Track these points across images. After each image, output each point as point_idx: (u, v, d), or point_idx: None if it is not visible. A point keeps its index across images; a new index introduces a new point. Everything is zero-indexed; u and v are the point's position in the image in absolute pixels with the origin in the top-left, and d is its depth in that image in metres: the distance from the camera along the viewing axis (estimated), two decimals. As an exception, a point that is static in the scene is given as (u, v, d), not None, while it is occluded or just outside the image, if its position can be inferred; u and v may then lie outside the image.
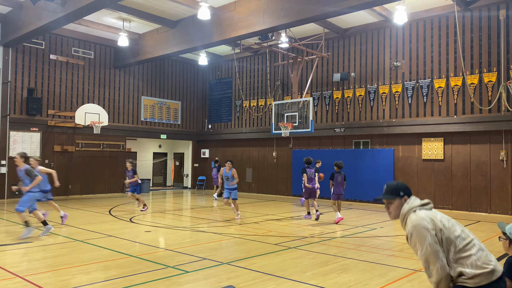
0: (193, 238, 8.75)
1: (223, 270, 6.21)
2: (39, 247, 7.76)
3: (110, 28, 16.98)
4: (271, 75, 19.67)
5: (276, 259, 6.92)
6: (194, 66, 22.52)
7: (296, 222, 11.23)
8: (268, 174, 19.67)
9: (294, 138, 18.33)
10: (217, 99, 22.49)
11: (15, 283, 5.40)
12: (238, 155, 21.11)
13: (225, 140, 21.68)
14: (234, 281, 5.60)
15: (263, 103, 20.15)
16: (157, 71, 21.32)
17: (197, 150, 23.03)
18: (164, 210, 13.97)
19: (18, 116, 16.40)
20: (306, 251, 7.56)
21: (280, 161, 19.21)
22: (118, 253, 7.19)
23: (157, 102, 21.30)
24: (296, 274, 6.03)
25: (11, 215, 12.06)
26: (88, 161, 18.16)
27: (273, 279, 5.74)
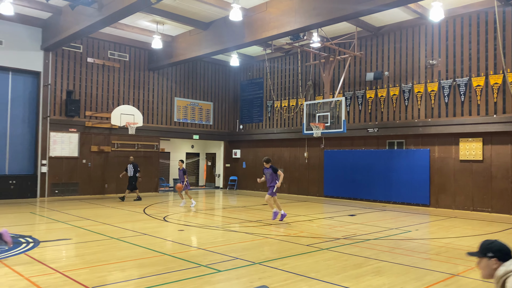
0: (225, 237, 8.81)
1: (255, 270, 6.22)
2: (77, 244, 8.04)
3: (144, 31, 17.39)
4: (302, 75, 19.57)
5: (308, 260, 6.87)
6: (225, 67, 22.70)
7: (328, 223, 11.11)
8: (299, 174, 19.57)
9: (326, 138, 18.16)
10: (248, 99, 22.59)
11: (55, 278, 5.61)
12: (269, 155, 21.10)
13: (256, 140, 21.74)
14: (266, 281, 5.60)
15: (294, 103, 20.07)
16: (190, 72, 21.63)
17: (229, 151, 23.20)
18: (197, 210, 14.14)
19: (57, 117, 17.05)
20: (339, 252, 7.47)
21: (312, 162, 19.06)
22: (152, 251, 7.34)
23: (190, 103, 21.62)
24: (329, 275, 5.97)
25: (52, 212, 12.54)
26: (123, 161, 18.63)
27: (305, 280, 5.70)
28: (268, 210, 13.73)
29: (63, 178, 17.10)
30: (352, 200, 17.06)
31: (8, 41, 15.93)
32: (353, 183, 17.22)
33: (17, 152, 16.60)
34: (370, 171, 16.61)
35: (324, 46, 16.25)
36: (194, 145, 24.93)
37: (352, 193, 17.24)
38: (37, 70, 16.69)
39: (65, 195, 17.06)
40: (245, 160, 22.42)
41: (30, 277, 5.63)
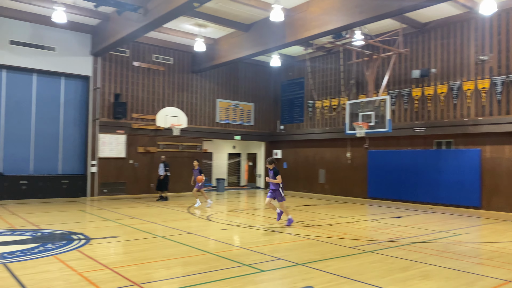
0: (267, 237, 8.83)
1: (298, 271, 6.19)
2: (125, 242, 8.33)
3: (187, 34, 17.76)
4: (345, 74, 19.26)
5: (353, 263, 6.75)
6: (266, 68, 22.76)
7: (372, 225, 10.86)
8: (342, 175, 19.27)
9: (369, 138, 17.76)
10: (289, 100, 22.53)
11: (105, 274, 5.84)
12: (311, 155, 20.95)
13: (297, 141, 21.64)
14: (309, 282, 5.56)
15: (336, 103, 19.79)
16: (231, 74, 21.87)
17: (270, 151, 23.23)
18: (239, 209, 14.28)
19: (106, 119, 17.77)
20: (384, 255, 7.28)
21: (355, 162, 18.71)
22: (196, 249, 7.48)
23: (231, 104, 21.85)
24: (374, 278, 5.83)
25: (101, 211, 13.07)
26: (167, 161, 19.10)
27: (349, 283, 5.60)
28: (310, 211, 13.63)
29: (111, 178, 17.79)
30: (398, 202, 16.59)
31: (61, 47, 16.78)
32: (399, 184, 16.74)
33: (68, 153, 17.45)
34: (416, 172, 16.08)
35: (367, 44, 15.92)
36: (235, 146, 25.17)
37: (397, 194, 16.77)
38: (87, 75, 17.48)
39: (113, 194, 17.73)
40: (286, 161, 22.36)
41: (83, 272, 5.90)
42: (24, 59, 15.98)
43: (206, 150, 22.35)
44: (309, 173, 20.91)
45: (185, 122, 18.48)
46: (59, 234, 8.87)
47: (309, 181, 20.89)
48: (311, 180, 20.78)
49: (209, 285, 5.37)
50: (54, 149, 17.12)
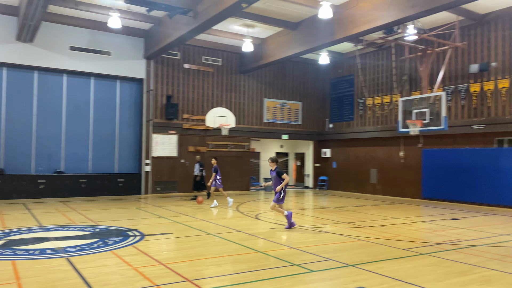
0: (317, 238, 8.73)
1: (349, 272, 6.06)
2: (177, 238, 8.57)
3: (235, 35, 17.96)
4: (397, 70, 18.64)
5: (406, 265, 6.51)
6: (314, 65, 22.52)
7: (427, 227, 10.43)
8: (395, 175, 18.66)
9: (424, 136, 17.06)
10: (338, 97, 22.15)
11: (159, 269, 6.03)
12: (362, 155, 20.48)
13: (347, 139, 21.23)
14: (361, 284, 5.42)
15: (388, 100, 19.21)
16: (279, 73, 21.85)
17: (318, 150, 22.97)
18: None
19: (159, 120, 18.38)
20: (440, 258, 6.96)
21: (408, 161, 18.06)
22: (245, 247, 7.54)
23: (279, 103, 21.84)
24: (429, 282, 5.59)
25: (154, 208, 13.53)
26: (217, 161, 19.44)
27: (403, 286, 5.41)
28: (361, 211, 13.32)
29: (164, 176, 18.37)
30: (455, 203, 15.82)
31: (116, 52, 17.56)
32: (456, 185, 15.95)
33: (124, 153, 18.24)
34: (475, 172, 15.24)
35: (420, 39, 15.32)
36: (283, 145, 25.13)
37: (454, 195, 15.99)
38: (140, 77, 18.17)
39: (166, 192, 18.30)
40: (335, 160, 22.01)
41: (138, 267, 6.13)
42: (82, 64, 16.89)
43: (254, 150, 22.48)
44: (359, 173, 20.45)
45: (233, 122, 18.70)
46: (115, 230, 9.28)
47: (359, 181, 20.44)
48: (362, 180, 20.32)
49: (258, 284, 5.39)
50: (110, 149, 17.95)
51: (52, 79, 16.83)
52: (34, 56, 15.97)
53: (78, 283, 5.29)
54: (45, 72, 16.64)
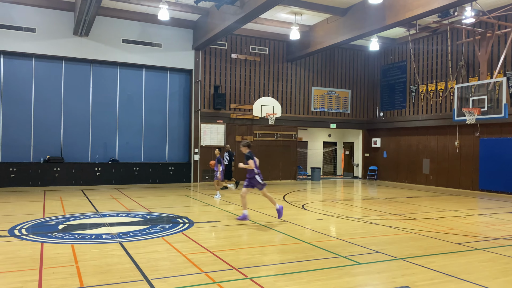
0: (365, 229, 8.56)
1: (398, 265, 5.90)
2: (225, 226, 8.72)
3: (282, 23, 17.80)
4: (452, 55, 17.70)
5: (459, 260, 6.23)
6: (364, 52, 21.89)
7: (484, 221, 9.91)
8: (449, 165, 17.86)
9: (481, 125, 16.16)
10: (389, 85, 21.42)
11: (207, 257, 6.18)
12: (414, 144, 19.75)
13: (398, 128, 20.54)
14: (410, 278, 5.26)
15: (443, 87, 18.31)
16: (327, 60, 21.45)
17: (368, 139, 22.42)
18: (335, 199, 14.06)
19: (207, 110, 18.70)
20: (498, 254, 6.60)
21: (464, 151, 17.20)
22: (292, 238, 7.54)
23: (327, 91, 21.48)
24: (484, 279, 5.32)
25: (203, 196, 13.85)
26: (264, 150, 19.55)
27: (455, 282, 5.19)
28: (412, 203, 12.89)
29: (212, 165, 18.71)
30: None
31: (166, 43, 17.99)
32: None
33: (174, 142, 18.77)
34: (538, 163, 14.24)
35: (479, 21, 14.41)
36: (331, 134, 24.76)
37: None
38: (189, 68, 18.53)
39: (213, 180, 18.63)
40: (386, 150, 21.40)
41: (186, 254, 6.31)
42: (134, 56, 17.47)
43: (301, 139, 22.34)
44: (411, 163, 19.77)
45: (280, 111, 18.65)
46: (166, 217, 9.61)
47: (411, 171, 19.76)
48: (413, 170, 19.64)
49: (304, 274, 5.38)
50: (161, 138, 18.54)
51: (106, 71, 17.57)
52: (89, 49, 16.73)
53: (131, 268, 5.55)
54: (99, 65, 17.39)
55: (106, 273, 5.32)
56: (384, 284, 5.14)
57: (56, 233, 7.68)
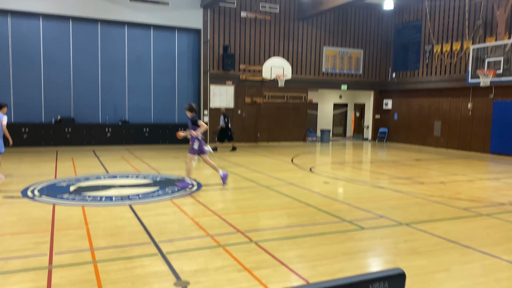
0: (371, 194, 8.62)
1: (401, 231, 5.97)
2: (232, 190, 8.85)
3: (293, -20, 17.19)
4: (470, 13, 17.01)
5: (464, 226, 6.28)
6: (378, 11, 21.17)
7: (492, 185, 9.89)
8: (461, 128, 17.64)
9: (496, 87, 15.77)
10: (403, 45, 20.83)
11: (213, 220, 6.32)
12: (425, 106, 19.45)
13: (410, 90, 20.18)
14: (412, 244, 5.34)
15: (458, 48, 17.76)
16: (339, 19, 20.83)
17: (379, 101, 22.12)
18: (343, 162, 14.09)
19: (216, 71, 18.50)
20: (503, 220, 6.63)
21: (477, 114, 16.92)
22: (298, 201, 7.64)
23: (339, 52, 21.01)
24: (487, 245, 5.37)
25: (213, 159, 13.96)
26: (274, 112, 19.46)
27: (457, 248, 5.25)
28: (421, 166, 12.86)
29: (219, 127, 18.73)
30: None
31: (174, 1, 17.57)
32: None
33: (183, 104, 18.69)
34: (553, 126, 13.97)
35: (500, -22, 13.73)
36: (342, 96, 24.46)
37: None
38: (197, 28, 18.17)
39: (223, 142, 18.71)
40: (397, 111, 21.14)
41: (194, 217, 6.46)
42: (142, 15, 17.15)
43: (311, 101, 22.13)
44: (422, 125, 19.56)
45: (290, 73, 18.37)
46: (175, 180, 9.76)
47: (422, 134, 19.59)
48: (424, 133, 19.46)
49: (308, 238, 5.49)
50: (171, 99, 18.52)
51: (114, 31, 17.33)
52: (97, 8, 16.44)
53: (139, 230, 5.71)
54: (107, 24, 17.14)
55: (115, 235, 5.48)
56: (386, 250, 5.23)
57: (67, 194, 7.88)
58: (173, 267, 4.41)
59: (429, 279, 4.27)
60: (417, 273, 4.42)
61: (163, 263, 4.50)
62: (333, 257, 4.83)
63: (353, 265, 4.63)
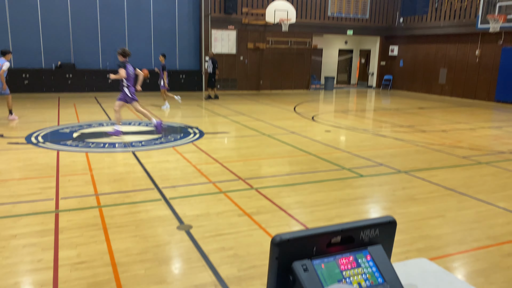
0: (372, 142, 8.67)
1: (400, 178, 6.07)
2: (234, 138, 8.92)
3: None
4: (484, -46, 16.15)
5: (461, 174, 6.37)
6: (388, -50, 20.10)
7: (494, 134, 9.90)
8: (467, 75, 17.36)
9: (506, 33, 15.31)
10: (412, -12, 19.98)
11: (215, 167, 6.43)
12: (432, 53, 19.02)
13: (417, 36, 19.64)
14: (410, 192, 5.45)
15: (469, -9, 17.04)
16: (347, -40, 19.86)
17: (385, 47, 21.62)
18: (346, 110, 14.04)
19: (217, 15, 17.95)
20: (501, 168, 6.71)
21: (484, 61, 16.57)
22: (299, 150, 7.72)
23: (346, -5, 20.23)
24: (483, 193, 5.49)
25: (214, 106, 13.94)
26: (277, 58, 19.11)
27: (454, 195, 5.37)
28: (424, 114, 12.82)
29: (223, 74, 18.52)
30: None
31: None
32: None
33: (184, 49, 18.38)
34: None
35: None
36: (347, 41, 23.87)
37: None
38: (198, -32, 17.41)
39: (225, 90, 18.61)
40: (402, 58, 20.72)
41: (196, 164, 6.56)
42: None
43: (316, 46, 21.66)
44: (428, 72, 19.25)
45: (294, 17, 17.80)
46: (177, 127, 9.81)
47: (427, 81, 19.33)
48: (429, 80, 19.19)
49: (307, 186, 5.61)
50: (172, 45, 18.14)
51: (112, -28, 16.64)
52: None
53: (142, 177, 5.83)
54: (104, -35, 16.44)
55: (119, 181, 5.61)
56: (384, 197, 5.36)
57: (71, 141, 7.97)
58: (176, 212, 4.55)
59: (424, 225, 4.40)
60: (412, 219, 4.55)
61: (167, 208, 4.65)
62: (331, 203, 4.96)
63: (350, 211, 4.77)
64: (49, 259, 3.47)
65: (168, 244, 3.80)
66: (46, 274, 3.23)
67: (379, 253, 1.52)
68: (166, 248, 3.73)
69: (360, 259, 1.49)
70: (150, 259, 3.51)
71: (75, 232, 3.99)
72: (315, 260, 1.41)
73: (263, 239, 3.94)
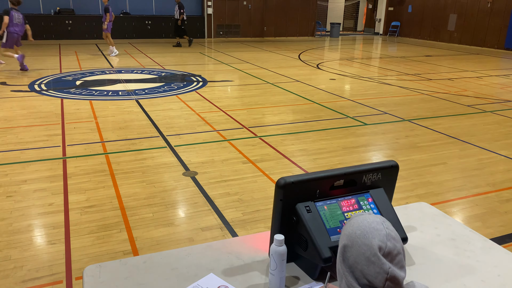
0: (377, 90, 8.59)
1: (403, 127, 6.08)
2: (238, 86, 8.85)
3: None
4: None
5: (465, 122, 6.37)
6: None
7: (501, 82, 9.76)
8: (477, 22, 16.82)
9: (521, -24, 14.65)
10: None
11: (219, 116, 6.43)
12: (442, -2, 18.33)
13: (428, -21, 18.82)
14: (412, 140, 5.48)
15: None
16: None
17: (394, -8, 20.80)
18: (352, 58, 13.78)
19: (219, -43, 17.18)
20: (505, 117, 6.69)
21: (496, 6, 15.99)
22: (303, 98, 7.68)
23: None
24: (485, 141, 5.51)
25: (217, 54, 13.71)
26: (281, 3, 18.48)
27: (456, 143, 5.40)
28: (431, 62, 12.59)
29: (226, 20, 18.03)
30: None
31: None
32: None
33: (186, -6, 17.76)
34: None
35: None
36: (355, -15, 22.95)
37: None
38: None
39: (228, 37, 18.20)
40: (411, 3, 19.99)
41: (200, 112, 6.57)
42: None
43: (322, -9, 20.87)
44: (437, 18, 18.64)
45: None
46: (180, 75, 9.72)
47: (435, 28, 18.78)
48: (438, 26, 18.63)
49: (311, 134, 5.64)
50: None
51: None
52: None
53: (147, 124, 5.86)
54: None
55: (124, 129, 5.66)
56: (387, 145, 5.39)
57: (74, 89, 7.95)
58: (182, 159, 4.62)
59: (426, 172, 4.47)
60: (414, 166, 4.62)
61: (172, 155, 4.72)
62: (334, 151, 5.01)
63: (352, 159, 4.83)
64: (60, 203, 3.58)
65: (174, 190, 3.91)
66: (57, 217, 3.36)
67: (381, 196, 1.58)
68: (173, 193, 3.84)
69: (362, 201, 1.54)
70: (158, 203, 3.62)
71: (83, 178, 4.09)
72: (318, 202, 1.46)
73: (267, 185, 4.04)
